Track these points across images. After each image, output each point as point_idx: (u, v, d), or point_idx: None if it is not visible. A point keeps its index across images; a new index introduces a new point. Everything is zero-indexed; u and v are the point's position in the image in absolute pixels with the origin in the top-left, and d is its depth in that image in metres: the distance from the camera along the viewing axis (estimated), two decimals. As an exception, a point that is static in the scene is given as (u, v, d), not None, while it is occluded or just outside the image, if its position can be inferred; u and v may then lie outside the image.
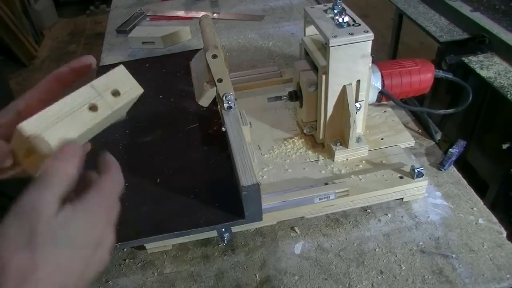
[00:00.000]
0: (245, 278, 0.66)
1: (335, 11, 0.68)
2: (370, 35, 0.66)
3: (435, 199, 0.75)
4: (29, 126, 0.38)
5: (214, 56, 0.72)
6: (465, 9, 1.23)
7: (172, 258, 0.70)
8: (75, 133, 0.39)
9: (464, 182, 0.78)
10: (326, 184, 0.71)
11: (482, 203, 0.74)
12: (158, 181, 0.73)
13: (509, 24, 1.13)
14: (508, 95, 0.95)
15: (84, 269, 0.34)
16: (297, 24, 1.35)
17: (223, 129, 0.71)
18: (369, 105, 0.80)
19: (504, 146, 1.03)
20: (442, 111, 0.83)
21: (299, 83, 0.78)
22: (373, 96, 0.78)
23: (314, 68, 0.75)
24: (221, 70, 0.71)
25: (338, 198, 0.70)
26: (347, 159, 0.76)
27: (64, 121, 0.39)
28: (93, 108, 0.41)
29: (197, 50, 0.99)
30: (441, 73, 0.83)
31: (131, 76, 0.44)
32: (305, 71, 0.76)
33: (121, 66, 0.43)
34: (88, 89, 0.41)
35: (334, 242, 0.70)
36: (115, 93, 0.42)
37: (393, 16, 1.62)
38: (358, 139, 0.75)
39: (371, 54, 0.69)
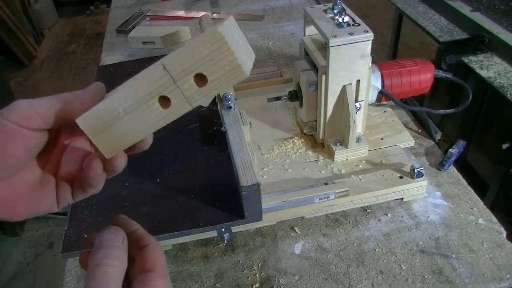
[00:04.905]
0: (245, 278, 0.66)
1: (335, 11, 0.68)
2: (370, 35, 0.66)
3: (435, 199, 0.75)
4: (86, 122, 0.31)
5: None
6: (465, 9, 1.23)
7: (172, 258, 0.70)
8: (139, 135, 0.31)
9: (464, 182, 0.78)
10: (326, 184, 0.71)
11: (482, 203, 0.74)
12: (158, 181, 0.73)
13: (509, 24, 1.13)
14: (508, 95, 0.95)
15: None
16: (297, 24, 1.35)
17: (223, 129, 0.71)
18: (369, 105, 0.80)
19: (504, 146, 1.03)
20: (442, 111, 0.83)
21: (299, 83, 0.78)
22: (373, 96, 0.78)
23: (314, 68, 0.75)
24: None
25: (338, 198, 0.70)
26: (347, 159, 0.76)
27: (125, 119, 0.30)
28: (164, 102, 0.30)
29: (197, 50, 0.99)
30: (441, 73, 0.83)
31: (230, 47, 0.27)
32: (305, 71, 0.76)
33: (220, 28, 0.27)
34: (158, 71, 0.29)
35: (334, 242, 0.70)
36: (199, 79, 0.28)
37: (393, 16, 1.62)
38: (358, 139, 0.75)
39: (371, 54, 0.69)
